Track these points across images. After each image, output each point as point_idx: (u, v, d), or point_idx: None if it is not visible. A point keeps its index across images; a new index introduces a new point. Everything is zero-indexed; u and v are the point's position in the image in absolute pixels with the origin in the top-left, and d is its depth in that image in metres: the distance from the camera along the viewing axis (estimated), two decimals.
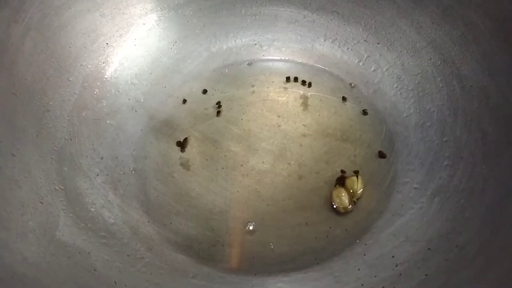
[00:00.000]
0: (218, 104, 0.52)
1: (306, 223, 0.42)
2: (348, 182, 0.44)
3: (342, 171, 0.46)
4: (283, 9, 0.57)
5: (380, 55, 0.54)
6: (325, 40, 0.57)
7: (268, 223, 0.43)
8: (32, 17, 0.45)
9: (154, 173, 0.46)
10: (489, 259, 0.33)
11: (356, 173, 0.45)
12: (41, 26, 0.45)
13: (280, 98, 0.53)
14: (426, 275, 0.35)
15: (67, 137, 0.44)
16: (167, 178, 0.46)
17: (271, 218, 0.43)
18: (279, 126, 0.50)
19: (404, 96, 0.50)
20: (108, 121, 0.48)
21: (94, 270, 0.36)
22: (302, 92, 0.53)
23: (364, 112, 0.51)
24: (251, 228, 0.42)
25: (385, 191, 0.44)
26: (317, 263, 0.40)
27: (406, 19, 0.52)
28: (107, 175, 0.44)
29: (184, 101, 0.52)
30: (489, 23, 0.44)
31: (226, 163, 0.47)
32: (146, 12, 0.54)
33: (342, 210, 0.42)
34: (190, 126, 0.51)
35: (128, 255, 0.39)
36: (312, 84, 0.54)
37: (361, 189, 0.44)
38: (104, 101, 0.49)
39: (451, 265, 0.35)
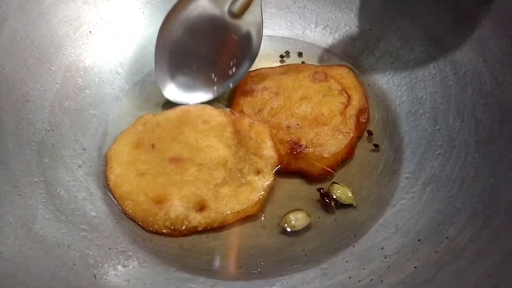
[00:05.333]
0: None
1: None
2: (335, 189, 0.42)
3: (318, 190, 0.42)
4: None
5: (372, 41, 0.52)
6: (316, 26, 0.55)
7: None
8: (10, 5, 0.43)
9: None
10: (479, 251, 0.33)
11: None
12: (20, 14, 0.44)
13: None
14: (415, 267, 0.34)
15: (48, 128, 0.43)
16: None
17: None
18: None
19: (396, 84, 0.49)
20: (91, 111, 0.47)
21: (73, 264, 0.35)
22: None
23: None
24: None
25: (376, 181, 0.43)
26: (305, 255, 0.39)
27: (398, 4, 0.50)
28: (90, 166, 0.43)
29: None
30: (483, 8, 0.43)
31: None
32: None
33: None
34: None
35: (109, 248, 0.38)
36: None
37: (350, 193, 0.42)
38: (87, 90, 0.48)
39: (441, 256, 0.34)
